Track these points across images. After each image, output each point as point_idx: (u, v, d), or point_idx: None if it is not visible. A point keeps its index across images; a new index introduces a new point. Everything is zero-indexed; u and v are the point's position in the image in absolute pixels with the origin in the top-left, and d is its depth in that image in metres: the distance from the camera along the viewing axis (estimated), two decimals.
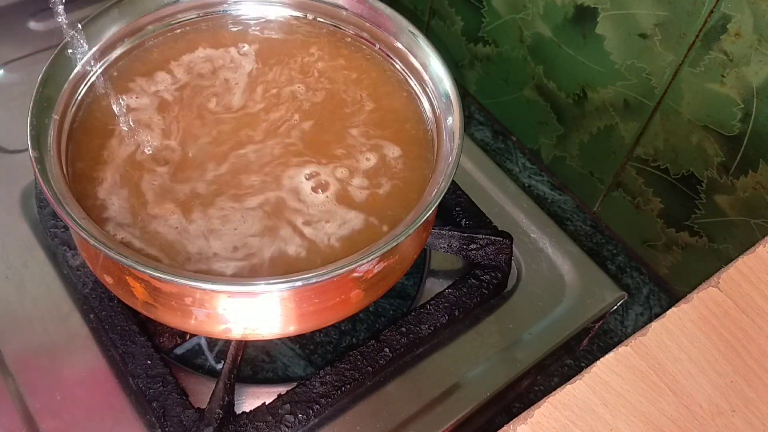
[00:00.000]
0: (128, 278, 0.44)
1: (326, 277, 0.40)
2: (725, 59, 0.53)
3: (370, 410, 0.50)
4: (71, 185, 0.44)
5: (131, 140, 0.48)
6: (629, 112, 0.62)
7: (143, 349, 0.49)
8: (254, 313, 0.44)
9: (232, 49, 0.54)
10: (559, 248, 0.61)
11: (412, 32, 0.52)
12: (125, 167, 0.47)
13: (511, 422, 0.33)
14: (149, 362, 0.49)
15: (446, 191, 0.44)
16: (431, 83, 0.51)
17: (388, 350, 0.51)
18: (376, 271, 0.45)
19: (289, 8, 0.56)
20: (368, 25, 0.54)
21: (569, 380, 0.35)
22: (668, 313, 0.37)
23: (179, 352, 0.54)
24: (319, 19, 0.55)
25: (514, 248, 0.57)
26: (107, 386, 0.50)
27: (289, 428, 0.47)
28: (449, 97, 0.49)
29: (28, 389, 0.49)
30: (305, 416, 0.48)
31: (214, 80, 0.52)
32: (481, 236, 0.56)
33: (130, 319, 0.50)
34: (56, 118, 0.46)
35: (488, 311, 0.56)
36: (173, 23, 0.54)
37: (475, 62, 0.77)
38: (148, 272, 0.39)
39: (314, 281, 0.40)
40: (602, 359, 0.36)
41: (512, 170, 0.76)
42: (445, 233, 0.56)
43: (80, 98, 0.49)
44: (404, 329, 0.52)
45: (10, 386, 0.49)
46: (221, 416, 0.46)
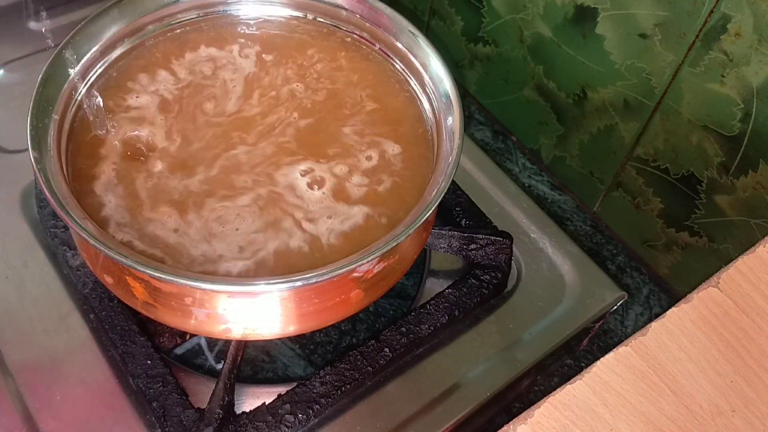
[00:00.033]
0: (128, 278, 0.44)
1: (326, 277, 0.40)
2: (725, 59, 0.53)
3: (370, 410, 0.50)
4: (71, 185, 0.44)
5: (129, 141, 0.48)
6: (629, 112, 0.62)
7: (143, 349, 0.49)
8: (254, 313, 0.44)
9: (231, 49, 0.54)
10: (559, 248, 0.61)
11: (412, 32, 0.52)
12: (122, 168, 0.47)
13: (511, 422, 0.33)
14: (149, 362, 0.49)
15: (446, 191, 0.44)
16: (431, 83, 0.51)
17: (388, 350, 0.51)
18: (376, 271, 0.45)
19: (289, 8, 0.56)
20: (368, 25, 0.54)
21: (569, 380, 0.35)
22: (668, 313, 0.37)
23: (179, 352, 0.54)
24: (319, 19, 0.55)
25: (514, 248, 0.57)
26: (107, 386, 0.50)
27: (289, 428, 0.47)
28: (449, 97, 0.49)
29: (28, 389, 0.49)
30: (305, 416, 0.48)
31: (213, 80, 0.52)
32: (481, 236, 0.56)
33: (130, 319, 0.50)
34: (56, 118, 0.46)
35: (488, 311, 0.56)
36: (173, 23, 0.54)
37: (475, 62, 0.77)
38: (148, 272, 0.39)
39: (314, 281, 0.40)
40: (602, 359, 0.36)
41: (512, 170, 0.76)
42: (445, 233, 0.56)
43: (80, 98, 0.49)
44: (404, 329, 0.52)
45: (10, 386, 0.49)
46: (221, 416, 0.46)
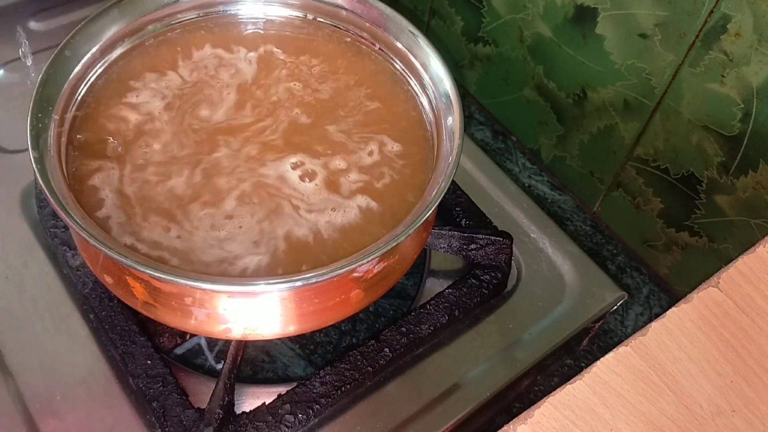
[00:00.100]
0: (128, 278, 0.44)
1: (326, 277, 0.40)
2: (725, 59, 0.53)
3: (370, 410, 0.50)
4: (71, 185, 0.44)
5: (129, 141, 0.48)
6: (629, 112, 0.62)
7: (143, 349, 0.49)
8: (254, 313, 0.44)
9: (231, 49, 0.54)
10: (559, 248, 0.61)
11: (412, 32, 0.52)
12: (122, 169, 0.47)
13: (511, 422, 0.33)
14: (149, 362, 0.49)
15: (446, 191, 0.44)
16: (431, 83, 0.51)
17: (388, 350, 0.51)
18: (376, 271, 0.45)
19: (288, 8, 0.56)
20: (368, 25, 0.54)
21: (569, 380, 0.35)
22: (668, 313, 0.37)
23: (179, 352, 0.54)
24: (319, 19, 0.55)
25: (514, 248, 0.57)
26: (107, 386, 0.50)
27: (289, 428, 0.47)
28: (449, 97, 0.49)
29: (28, 389, 0.49)
30: (305, 416, 0.48)
31: (213, 80, 0.52)
32: (481, 236, 0.56)
33: (130, 319, 0.50)
34: (56, 118, 0.46)
35: (488, 311, 0.56)
36: (173, 23, 0.54)
37: (475, 62, 0.77)
38: (148, 272, 0.39)
39: (314, 281, 0.40)
40: (602, 359, 0.36)
41: (512, 170, 0.76)
42: (445, 233, 0.56)
43: (80, 98, 0.49)
44: (404, 329, 0.52)
45: (10, 386, 0.49)
46: (221, 416, 0.46)
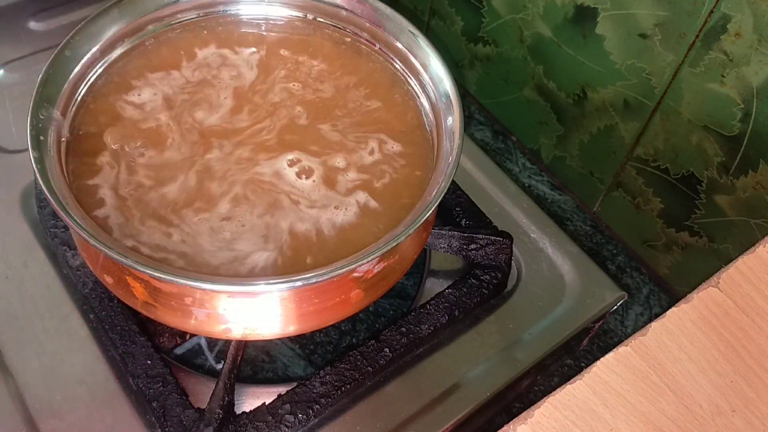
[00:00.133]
0: (128, 278, 0.44)
1: (326, 277, 0.40)
2: (725, 59, 0.53)
3: (370, 410, 0.50)
4: (71, 185, 0.44)
5: (127, 143, 0.48)
6: (629, 112, 0.62)
7: (143, 349, 0.49)
8: (254, 313, 0.44)
9: (231, 49, 0.54)
10: (559, 248, 0.61)
11: (412, 32, 0.52)
12: (121, 170, 0.47)
13: (511, 422, 0.33)
14: (149, 362, 0.49)
15: (446, 191, 0.44)
16: (431, 83, 0.51)
17: (388, 350, 0.51)
18: (376, 271, 0.45)
19: (288, 8, 0.56)
20: (368, 25, 0.54)
21: (569, 380, 0.35)
22: (668, 313, 0.37)
23: (179, 352, 0.54)
24: (319, 19, 0.55)
25: (514, 248, 0.57)
26: (107, 386, 0.50)
27: (289, 428, 0.47)
28: (449, 97, 0.49)
29: (28, 389, 0.49)
30: (305, 416, 0.48)
31: (214, 80, 0.52)
32: (481, 236, 0.56)
33: (130, 319, 0.50)
34: (56, 118, 0.46)
35: (488, 311, 0.56)
36: (173, 23, 0.54)
37: (475, 62, 0.77)
38: (148, 272, 0.39)
39: (314, 281, 0.40)
40: (602, 359, 0.36)
41: (512, 170, 0.76)
42: (445, 233, 0.56)
43: (80, 98, 0.49)
44: (404, 329, 0.52)
45: (10, 386, 0.49)
46: (221, 416, 0.46)
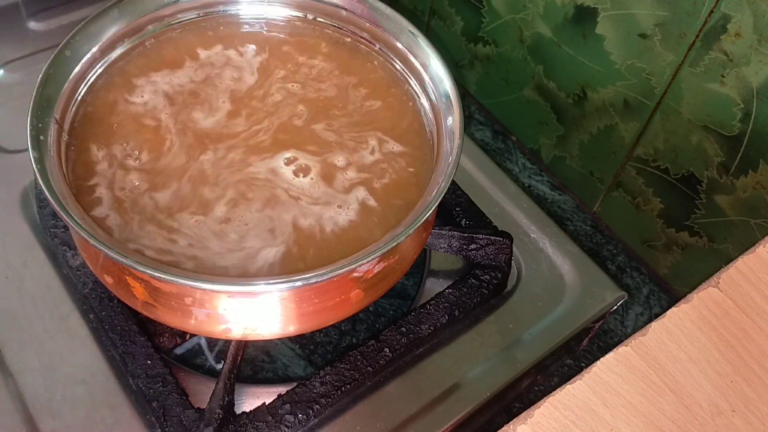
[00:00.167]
0: (128, 278, 0.44)
1: (326, 277, 0.40)
2: (725, 59, 0.53)
3: (370, 410, 0.50)
4: (71, 185, 0.44)
5: (126, 145, 0.48)
6: (629, 112, 0.62)
7: (143, 349, 0.49)
8: (254, 313, 0.44)
9: (231, 49, 0.54)
10: (559, 248, 0.61)
11: (412, 32, 0.52)
12: (121, 172, 0.47)
13: (511, 422, 0.33)
14: (149, 362, 0.49)
15: (446, 191, 0.44)
16: (431, 83, 0.51)
17: (388, 350, 0.51)
18: (376, 271, 0.45)
19: (288, 8, 0.56)
20: (368, 25, 0.54)
21: (569, 380, 0.35)
22: (668, 313, 0.37)
23: (179, 352, 0.54)
24: (319, 19, 0.55)
25: (514, 248, 0.57)
26: (107, 386, 0.50)
27: (289, 428, 0.47)
28: (449, 97, 0.49)
29: (28, 389, 0.49)
30: (305, 416, 0.48)
31: (213, 80, 0.52)
32: (481, 236, 0.56)
33: (130, 319, 0.50)
34: (56, 118, 0.46)
35: (488, 311, 0.56)
36: (173, 23, 0.54)
37: (475, 62, 0.77)
38: (148, 272, 0.39)
39: (314, 281, 0.40)
40: (602, 359, 0.36)
41: (512, 170, 0.76)
42: (445, 233, 0.56)
43: (80, 98, 0.49)
44: (404, 329, 0.52)
45: (10, 386, 0.49)
46: (221, 416, 0.46)
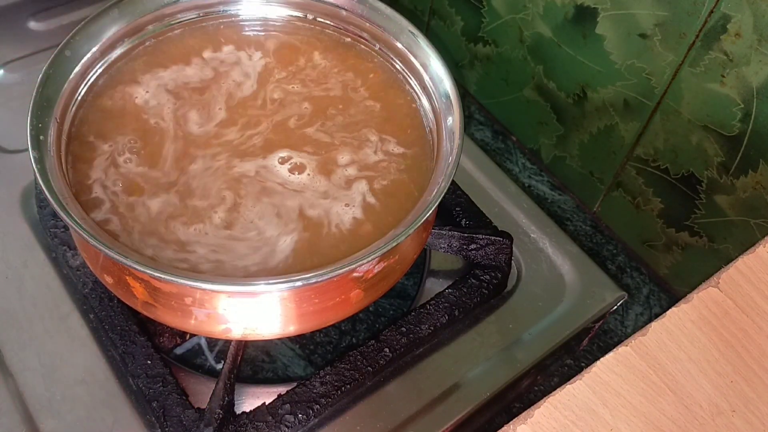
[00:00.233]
0: (128, 278, 0.44)
1: (326, 277, 0.40)
2: (725, 59, 0.53)
3: (370, 410, 0.50)
4: (71, 185, 0.44)
5: (125, 146, 0.48)
6: (629, 112, 0.62)
7: (143, 349, 0.49)
8: (254, 313, 0.44)
9: (230, 48, 0.54)
10: (559, 248, 0.61)
11: (412, 32, 0.52)
12: (121, 172, 0.47)
13: (511, 422, 0.33)
14: (149, 362, 0.49)
15: (446, 191, 0.44)
16: (431, 83, 0.51)
17: (388, 350, 0.51)
18: (376, 271, 0.45)
19: (288, 8, 0.55)
20: (368, 25, 0.54)
21: (569, 380, 0.35)
22: (668, 313, 0.37)
23: (179, 352, 0.54)
24: (319, 19, 0.55)
25: (514, 248, 0.57)
26: (107, 386, 0.50)
27: (289, 428, 0.47)
28: (449, 97, 0.49)
29: (28, 389, 0.49)
30: (305, 416, 0.48)
31: (213, 80, 0.52)
32: (481, 236, 0.56)
33: (130, 319, 0.50)
34: (56, 118, 0.46)
35: (488, 311, 0.56)
36: (173, 23, 0.54)
37: (475, 62, 0.77)
38: (148, 272, 0.39)
39: (314, 281, 0.40)
40: (602, 359, 0.36)
41: (512, 170, 0.76)
42: (445, 233, 0.56)
43: (80, 98, 0.49)
44: (404, 329, 0.52)
45: (10, 386, 0.49)
46: (221, 416, 0.46)
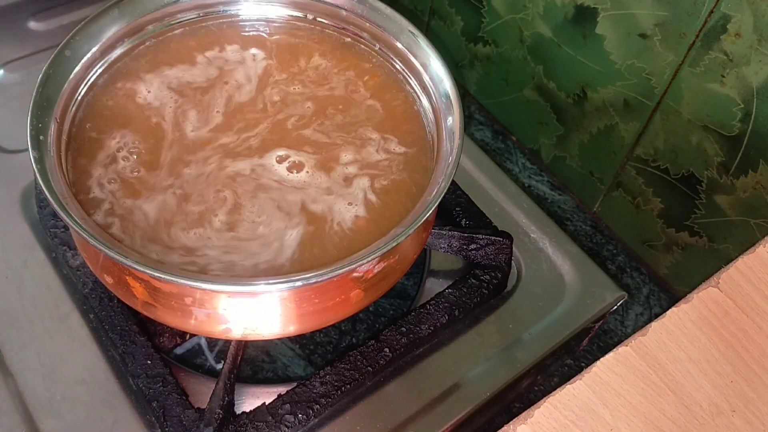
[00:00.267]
0: (128, 278, 0.44)
1: (326, 277, 0.40)
2: (725, 59, 0.53)
3: (370, 410, 0.50)
4: (71, 185, 0.44)
5: (124, 146, 0.48)
6: (629, 112, 0.62)
7: (143, 349, 0.49)
8: (254, 313, 0.44)
9: (231, 49, 0.54)
10: (559, 248, 0.61)
11: (412, 32, 0.52)
12: (121, 173, 0.47)
13: (511, 422, 0.33)
14: (149, 362, 0.49)
15: (446, 191, 0.44)
16: (431, 83, 0.51)
17: (388, 350, 0.51)
18: (376, 271, 0.45)
19: (288, 8, 0.56)
20: (368, 25, 0.54)
21: (569, 380, 0.35)
22: (668, 313, 0.37)
23: (179, 352, 0.54)
24: (319, 19, 0.55)
25: (514, 248, 0.57)
26: (107, 386, 0.50)
27: (289, 428, 0.47)
28: (449, 97, 0.49)
29: (28, 389, 0.49)
30: (305, 416, 0.48)
31: (213, 79, 0.52)
32: (481, 236, 0.56)
33: (130, 319, 0.50)
34: (56, 118, 0.46)
35: (488, 311, 0.56)
36: (173, 23, 0.54)
37: (475, 62, 0.77)
38: (148, 272, 0.39)
39: (314, 281, 0.40)
40: (602, 359, 0.36)
41: (512, 170, 0.76)
42: (445, 233, 0.56)
43: (80, 98, 0.49)
44: (404, 329, 0.52)
45: (10, 386, 0.49)
46: (221, 416, 0.46)
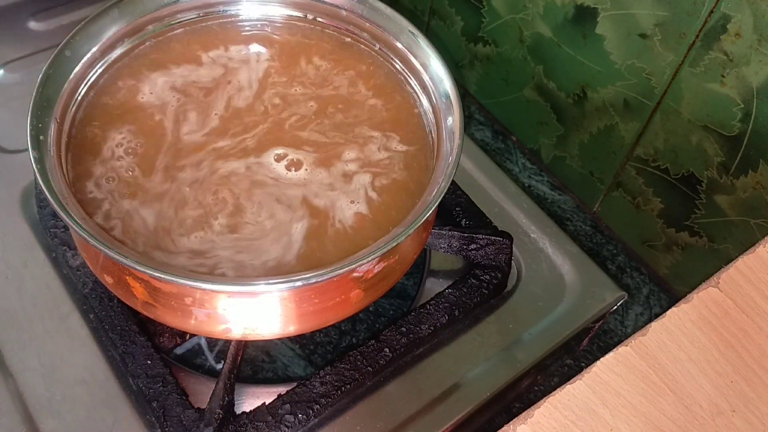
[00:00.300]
0: (128, 278, 0.44)
1: (326, 277, 0.40)
2: (725, 59, 0.53)
3: (370, 410, 0.50)
4: (71, 185, 0.44)
5: (124, 146, 0.48)
6: (629, 112, 0.62)
7: (143, 349, 0.49)
8: (254, 313, 0.44)
9: (230, 48, 0.54)
10: (559, 248, 0.61)
11: (412, 32, 0.52)
12: (121, 174, 0.47)
13: (511, 422, 0.33)
14: (149, 362, 0.49)
15: (446, 191, 0.44)
16: (431, 83, 0.51)
17: (388, 350, 0.51)
18: (376, 271, 0.45)
19: (288, 8, 0.56)
20: (368, 25, 0.54)
21: (569, 380, 0.35)
22: (668, 313, 0.37)
23: (179, 352, 0.54)
24: (318, 19, 0.55)
25: (514, 248, 0.57)
26: (107, 386, 0.50)
27: (289, 428, 0.47)
28: (449, 97, 0.49)
29: (28, 389, 0.49)
30: (305, 416, 0.48)
31: (213, 79, 0.52)
32: (481, 236, 0.56)
33: (130, 319, 0.50)
34: (56, 118, 0.46)
35: (488, 311, 0.56)
36: (173, 23, 0.54)
37: (475, 62, 0.77)
38: (148, 272, 0.39)
39: (314, 281, 0.40)
40: (602, 359, 0.36)
41: (512, 170, 0.76)
42: (445, 233, 0.56)
43: (80, 98, 0.49)
44: (404, 329, 0.52)
45: (10, 386, 0.49)
46: (221, 416, 0.46)
